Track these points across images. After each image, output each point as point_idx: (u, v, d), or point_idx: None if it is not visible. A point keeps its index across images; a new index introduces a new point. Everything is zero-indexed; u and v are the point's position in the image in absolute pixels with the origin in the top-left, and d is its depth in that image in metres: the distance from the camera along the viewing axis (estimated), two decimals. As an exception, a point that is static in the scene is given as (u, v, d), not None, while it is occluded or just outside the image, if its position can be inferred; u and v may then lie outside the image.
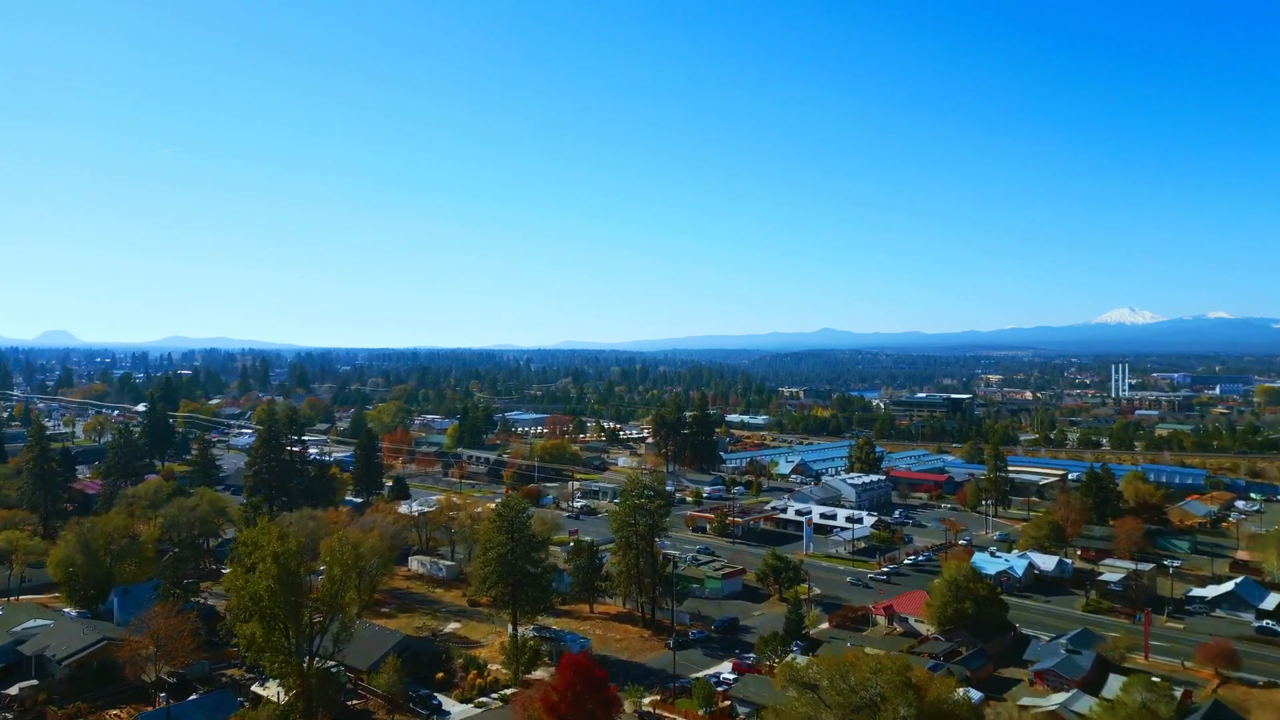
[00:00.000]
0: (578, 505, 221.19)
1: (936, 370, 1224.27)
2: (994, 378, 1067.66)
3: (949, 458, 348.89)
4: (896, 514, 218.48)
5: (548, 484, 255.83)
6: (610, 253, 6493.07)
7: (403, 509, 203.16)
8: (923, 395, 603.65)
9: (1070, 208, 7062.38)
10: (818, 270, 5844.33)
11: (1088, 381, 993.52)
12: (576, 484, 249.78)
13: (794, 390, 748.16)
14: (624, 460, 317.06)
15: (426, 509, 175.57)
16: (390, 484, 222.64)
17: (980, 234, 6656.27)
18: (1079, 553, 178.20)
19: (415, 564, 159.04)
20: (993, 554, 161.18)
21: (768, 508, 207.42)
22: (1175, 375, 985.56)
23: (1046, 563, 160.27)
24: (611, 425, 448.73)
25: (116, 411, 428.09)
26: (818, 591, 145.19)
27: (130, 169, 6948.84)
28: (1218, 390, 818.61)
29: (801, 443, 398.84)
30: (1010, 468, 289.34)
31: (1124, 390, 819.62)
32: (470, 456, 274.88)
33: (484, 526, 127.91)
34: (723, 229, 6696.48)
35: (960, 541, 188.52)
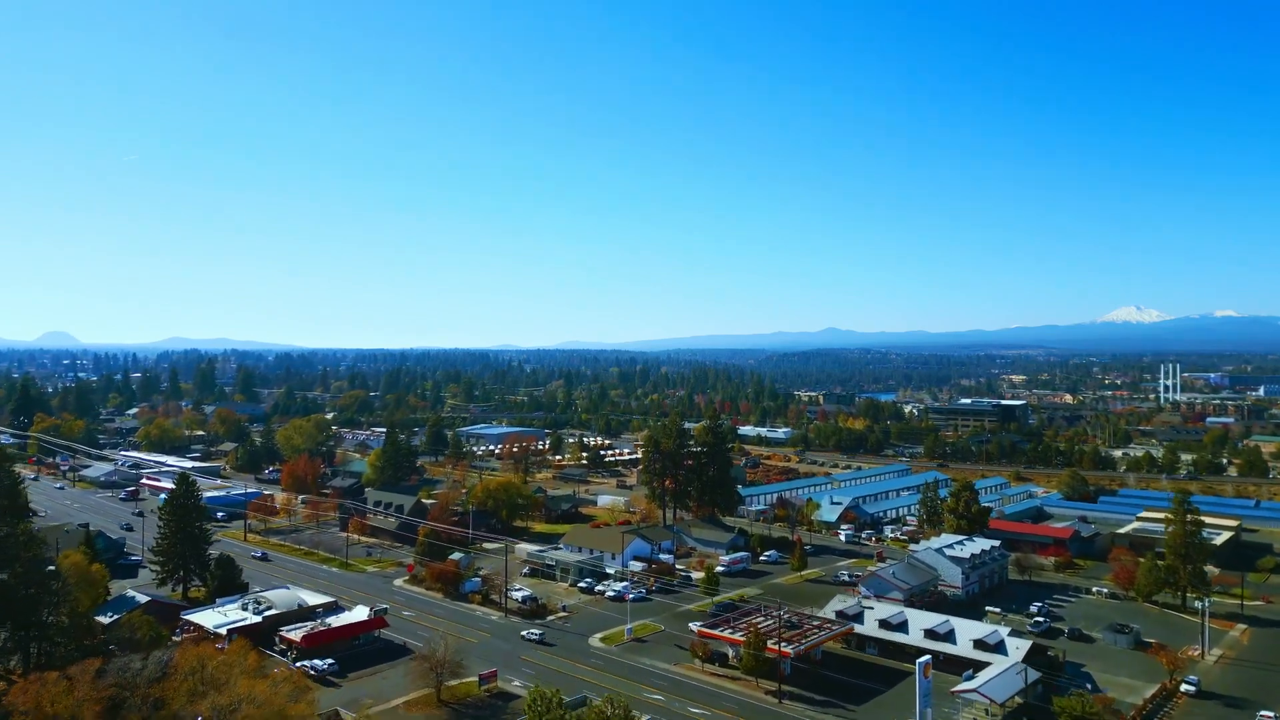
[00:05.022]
0: (518, 595, 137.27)
1: (950, 370, 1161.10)
2: (1017, 378, 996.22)
3: (1037, 490, 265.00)
4: (1037, 611, 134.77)
5: (486, 546, 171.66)
6: (614, 253, 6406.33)
7: (223, 617, 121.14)
8: (967, 402, 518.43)
9: (1074, 206, 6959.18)
10: (822, 269, 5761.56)
11: (1119, 382, 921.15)
12: (526, 550, 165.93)
13: (812, 395, 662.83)
14: (607, 498, 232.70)
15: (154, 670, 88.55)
16: (216, 562, 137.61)
17: (983, 233, 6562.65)
18: None
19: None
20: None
21: (828, 611, 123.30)
22: (1211, 376, 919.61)
23: None
24: (598, 441, 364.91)
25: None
26: None
27: (132, 169, 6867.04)
28: (1261, 391, 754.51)
29: (838, 467, 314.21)
30: (1149, 515, 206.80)
31: (1175, 393, 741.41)
32: (378, 503, 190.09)
33: None
34: (726, 228, 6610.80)
35: (1186, 686, 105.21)
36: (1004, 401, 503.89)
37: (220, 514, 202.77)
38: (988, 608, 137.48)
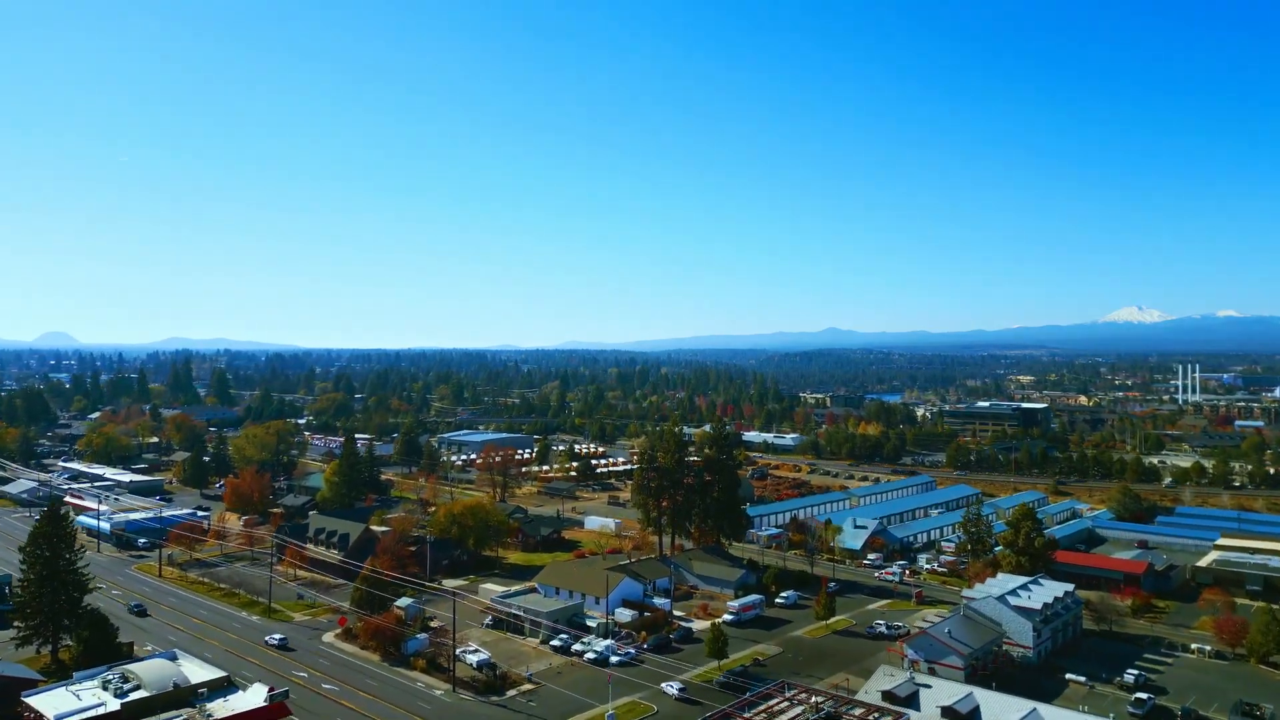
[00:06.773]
0: (473, 659, 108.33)
1: (954, 371, 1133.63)
2: (1024, 379, 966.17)
3: (1081, 507, 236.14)
4: (1134, 682, 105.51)
5: (448, 583, 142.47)
6: (614, 253, 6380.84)
7: (75, 700, 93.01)
8: (984, 404, 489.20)
9: (1075, 206, 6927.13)
10: (822, 270, 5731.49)
11: (1129, 383, 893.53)
12: (490, 594, 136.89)
13: (818, 396, 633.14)
14: (596, 520, 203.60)
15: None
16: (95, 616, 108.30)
17: (984, 232, 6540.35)
18: None
19: None
20: None
21: (871, 691, 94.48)
22: (1224, 377, 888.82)
23: None
24: (590, 449, 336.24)
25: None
26: None
27: (132, 172, 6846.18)
28: (1277, 392, 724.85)
29: (854, 479, 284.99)
30: (1232, 543, 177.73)
31: (1194, 394, 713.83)
32: (321, 530, 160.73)
33: None
34: (726, 229, 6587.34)
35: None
36: (1024, 404, 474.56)
37: (143, 541, 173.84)
38: (1068, 675, 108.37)
